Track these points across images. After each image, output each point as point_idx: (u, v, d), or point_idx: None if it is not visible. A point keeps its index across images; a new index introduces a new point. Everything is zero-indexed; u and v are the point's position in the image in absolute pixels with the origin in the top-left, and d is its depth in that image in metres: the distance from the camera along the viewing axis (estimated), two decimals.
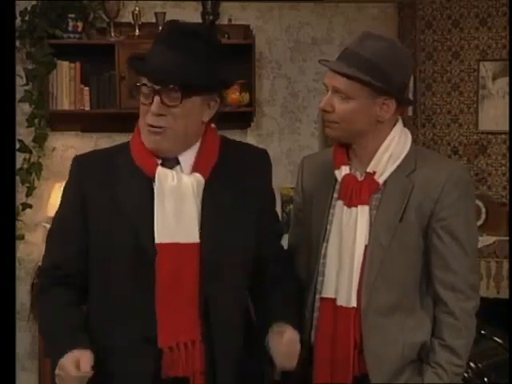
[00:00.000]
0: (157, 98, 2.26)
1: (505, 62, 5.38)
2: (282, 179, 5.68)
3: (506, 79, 5.34)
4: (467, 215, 2.51)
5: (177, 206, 2.31)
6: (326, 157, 2.65)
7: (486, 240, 5.07)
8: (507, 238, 4.95)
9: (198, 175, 2.35)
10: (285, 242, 2.76)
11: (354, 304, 2.47)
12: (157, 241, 2.29)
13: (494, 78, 5.45)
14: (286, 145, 5.72)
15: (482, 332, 4.07)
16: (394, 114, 2.52)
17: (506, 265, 5.06)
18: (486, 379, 4.21)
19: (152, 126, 2.29)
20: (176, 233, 2.30)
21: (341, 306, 2.48)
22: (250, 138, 5.67)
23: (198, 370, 2.33)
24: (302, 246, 2.67)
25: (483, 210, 5.21)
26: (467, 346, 2.51)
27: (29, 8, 5.18)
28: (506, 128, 5.19)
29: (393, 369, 2.48)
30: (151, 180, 2.33)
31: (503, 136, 5.40)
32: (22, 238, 5.24)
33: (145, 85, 2.28)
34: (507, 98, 5.33)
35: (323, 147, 5.53)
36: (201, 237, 2.32)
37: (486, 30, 5.46)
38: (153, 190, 2.32)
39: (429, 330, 2.51)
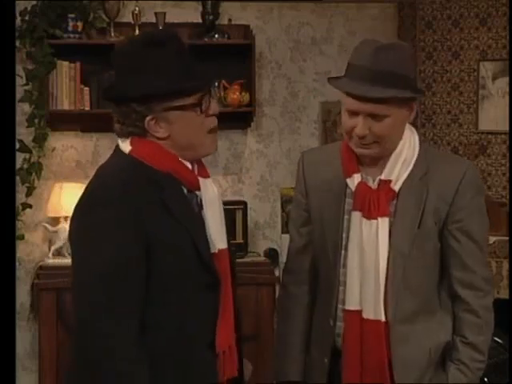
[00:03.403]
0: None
1: (505, 61, 5.37)
2: (282, 179, 5.69)
3: (506, 79, 5.34)
4: (480, 212, 2.52)
5: (220, 213, 2.36)
6: (327, 154, 2.61)
7: None
8: (507, 237, 4.95)
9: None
10: (286, 241, 2.76)
11: (382, 317, 2.45)
12: (214, 249, 2.31)
13: (494, 78, 5.44)
14: (286, 145, 5.72)
15: None
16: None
17: (505, 265, 5.06)
18: (486, 379, 4.21)
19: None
20: (223, 239, 2.35)
21: (368, 319, 2.47)
22: (250, 137, 5.67)
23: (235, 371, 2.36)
24: (311, 245, 2.65)
25: None
26: (488, 341, 2.54)
27: (29, 8, 5.19)
28: (506, 128, 5.18)
29: (420, 373, 2.49)
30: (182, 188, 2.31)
31: (503, 136, 5.39)
32: (22, 238, 5.23)
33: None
34: (507, 98, 5.32)
35: None
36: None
37: (486, 30, 5.46)
38: (185, 195, 2.31)
39: (450, 328, 2.53)
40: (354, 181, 2.50)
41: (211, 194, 2.34)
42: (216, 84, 5.30)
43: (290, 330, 2.70)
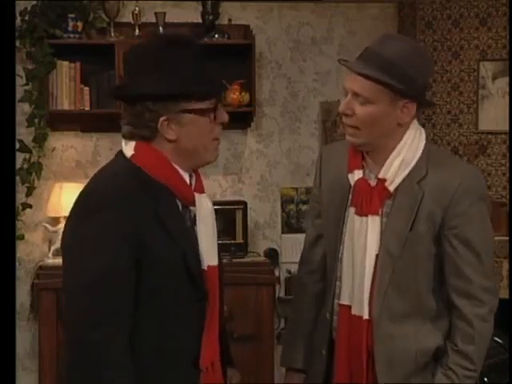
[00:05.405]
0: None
1: (505, 61, 5.37)
2: (282, 179, 5.69)
3: (506, 79, 5.34)
4: (481, 220, 2.49)
5: (212, 230, 2.35)
6: (343, 150, 2.61)
7: None
8: (507, 237, 4.95)
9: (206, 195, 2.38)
10: (286, 241, 2.77)
11: (366, 315, 2.47)
12: (205, 264, 2.29)
13: (494, 78, 5.44)
14: (285, 145, 5.72)
15: None
16: (414, 116, 2.49)
17: (505, 265, 5.06)
18: (486, 379, 4.21)
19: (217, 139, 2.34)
20: (214, 256, 2.34)
21: (355, 315, 2.49)
22: (250, 137, 5.67)
23: None
24: (321, 237, 2.67)
25: None
26: (480, 350, 2.50)
27: (29, 8, 5.19)
28: (506, 128, 5.19)
29: (405, 374, 2.49)
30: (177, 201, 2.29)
31: (503, 136, 5.39)
32: (22, 238, 5.23)
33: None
34: (507, 98, 5.32)
35: None
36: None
37: (486, 30, 5.46)
38: (179, 209, 2.29)
39: (443, 335, 2.51)
40: (355, 177, 2.52)
41: (205, 211, 2.33)
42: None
43: (297, 318, 2.75)
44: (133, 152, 2.26)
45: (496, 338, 4.24)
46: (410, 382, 2.49)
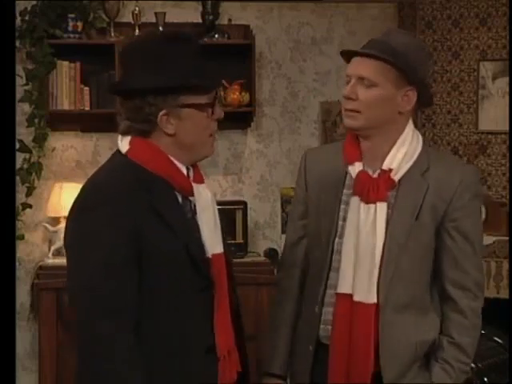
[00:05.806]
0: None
1: (505, 61, 5.37)
2: (282, 179, 5.69)
3: (506, 79, 5.34)
4: (477, 216, 2.56)
5: (214, 219, 2.36)
6: (329, 151, 2.67)
7: (486, 240, 5.06)
8: (507, 237, 4.95)
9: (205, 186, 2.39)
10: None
11: (374, 300, 2.48)
12: (209, 253, 2.30)
13: (494, 78, 5.45)
14: (285, 145, 5.72)
15: (482, 332, 4.06)
16: (413, 108, 2.54)
17: (505, 265, 5.06)
18: (486, 379, 4.21)
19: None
20: (218, 244, 2.34)
21: (359, 302, 2.49)
22: (250, 137, 5.67)
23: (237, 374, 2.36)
24: (305, 238, 2.67)
25: (483, 209, 5.20)
26: (474, 344, 2.56)
27: (29, 8, 5.19)
28: (506, 128, 5.19)
29: (404, 365, 2.50)
30: (175, 192, 2.30)
31: (503, 136, 5.40)
32: (22, 238, 5.23)
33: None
34: (507, 97, 5.33)
35: None
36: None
37: (486, 30, 5.46)
38: (178, 200, 2.30)
39: (438, 327, 2.54)
40: (356, 168, 2.53)
41: (205, 200, 2.34)
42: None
43: (278, 323, 2.73)
44: (128, 147, 2.27)
45: (496, 338, 4.24)
46: (410, 371, 2.50)
